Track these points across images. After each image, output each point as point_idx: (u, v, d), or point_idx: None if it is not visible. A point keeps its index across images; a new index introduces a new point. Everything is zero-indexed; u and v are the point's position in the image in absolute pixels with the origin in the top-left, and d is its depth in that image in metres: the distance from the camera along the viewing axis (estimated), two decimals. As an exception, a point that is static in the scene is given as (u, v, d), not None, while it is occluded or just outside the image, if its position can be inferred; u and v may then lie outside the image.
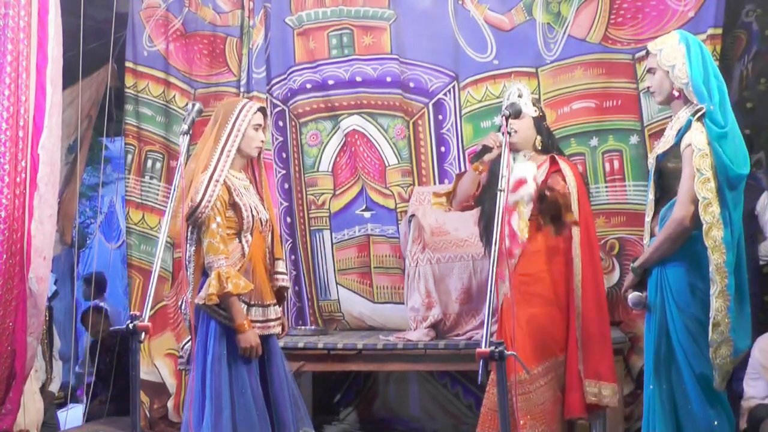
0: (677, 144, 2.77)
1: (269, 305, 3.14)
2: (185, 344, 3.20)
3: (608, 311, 4.30)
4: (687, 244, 2.73)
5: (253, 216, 3.11)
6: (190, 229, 3.04)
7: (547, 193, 3.18)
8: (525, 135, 3.35)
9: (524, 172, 3.21)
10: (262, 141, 3.22)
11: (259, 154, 3.25)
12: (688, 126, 2.73)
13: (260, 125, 3.19)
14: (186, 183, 3.00)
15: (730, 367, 2.73)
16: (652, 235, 2.88)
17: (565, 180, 3.29)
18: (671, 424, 2.75)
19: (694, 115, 2.73)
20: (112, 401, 5.39)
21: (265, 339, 3.08)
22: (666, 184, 2.84)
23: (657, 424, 2.77)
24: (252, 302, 3.08)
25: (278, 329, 3.18)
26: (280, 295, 3.28)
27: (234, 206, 3.07)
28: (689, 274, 2.73)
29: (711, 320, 2.64)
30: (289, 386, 3.14)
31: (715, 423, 2.71)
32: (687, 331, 2.72)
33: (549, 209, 3.20)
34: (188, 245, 3.06)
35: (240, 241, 3.09)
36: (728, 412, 2.77)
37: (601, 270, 3.45)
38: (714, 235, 2.64)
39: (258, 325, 3.07)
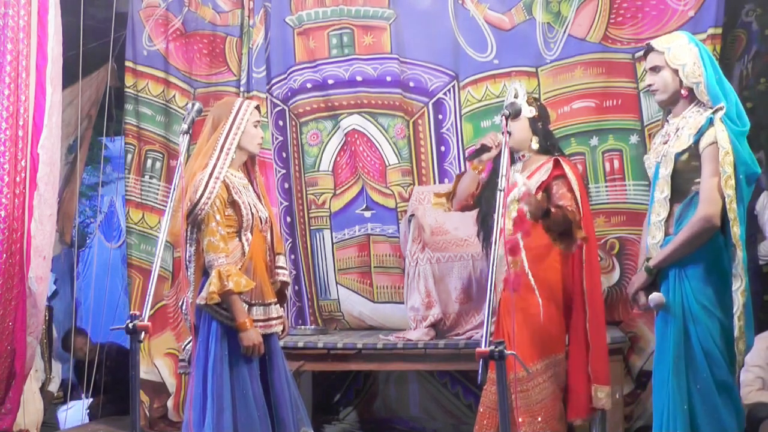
0: (696, 143, 2.75)
1: (270, 304, 3.13)
2: (186, 345, 3.19)
3: (608, 311, 4.34)
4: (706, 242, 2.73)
5: (252, 214, 3.10)
6: (189, 228, 3.04)
7: (553, 209, 3.11)
8: (520, 137, 3.32)
9: (516, 178, 3.15)
10: (262, 137, 3.25)
11: None
12: (707, 125, 2.72)
13: (259, 122, 3.21)
14: (186, 183, 2.99)
15: (742, 363, 2.76)
16: (666, 233, 2.82)
17: (571, 189, 3.24)
18: (685, 425, 2.74)
19: (714, 114, 2.72)
20: (112, 401, 5.39)
21: (266, 338, 3.07)
22: (680, 183, 2.81)
23: (670, 424, 2.75)
24: (253, 301, 3.07)
25: (279, 328, 3.17)
26: (281, 293, 3.27)
27: (233, 204, 3.07)
28: (709, 273, 2.72)
29: (735, 316, 2.66)
30: (289, 386, 3.14)
31: (728, 422, 2.71)
32: (707, 331, 2.70)
33: (556, 226, 3.15)
34: (188, 245, 3.05)
35: (240, 240, 3.09)
36: (739, 411, 2.77)
37: (599, 273, 3.44)
38: (735, 231, 2.66)
39: (260, 323, 3.06)
